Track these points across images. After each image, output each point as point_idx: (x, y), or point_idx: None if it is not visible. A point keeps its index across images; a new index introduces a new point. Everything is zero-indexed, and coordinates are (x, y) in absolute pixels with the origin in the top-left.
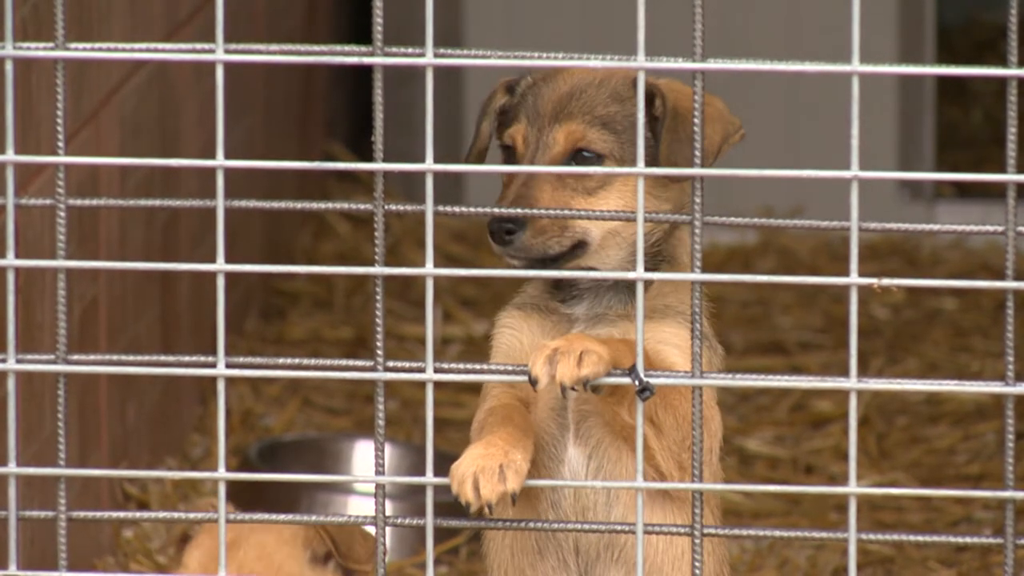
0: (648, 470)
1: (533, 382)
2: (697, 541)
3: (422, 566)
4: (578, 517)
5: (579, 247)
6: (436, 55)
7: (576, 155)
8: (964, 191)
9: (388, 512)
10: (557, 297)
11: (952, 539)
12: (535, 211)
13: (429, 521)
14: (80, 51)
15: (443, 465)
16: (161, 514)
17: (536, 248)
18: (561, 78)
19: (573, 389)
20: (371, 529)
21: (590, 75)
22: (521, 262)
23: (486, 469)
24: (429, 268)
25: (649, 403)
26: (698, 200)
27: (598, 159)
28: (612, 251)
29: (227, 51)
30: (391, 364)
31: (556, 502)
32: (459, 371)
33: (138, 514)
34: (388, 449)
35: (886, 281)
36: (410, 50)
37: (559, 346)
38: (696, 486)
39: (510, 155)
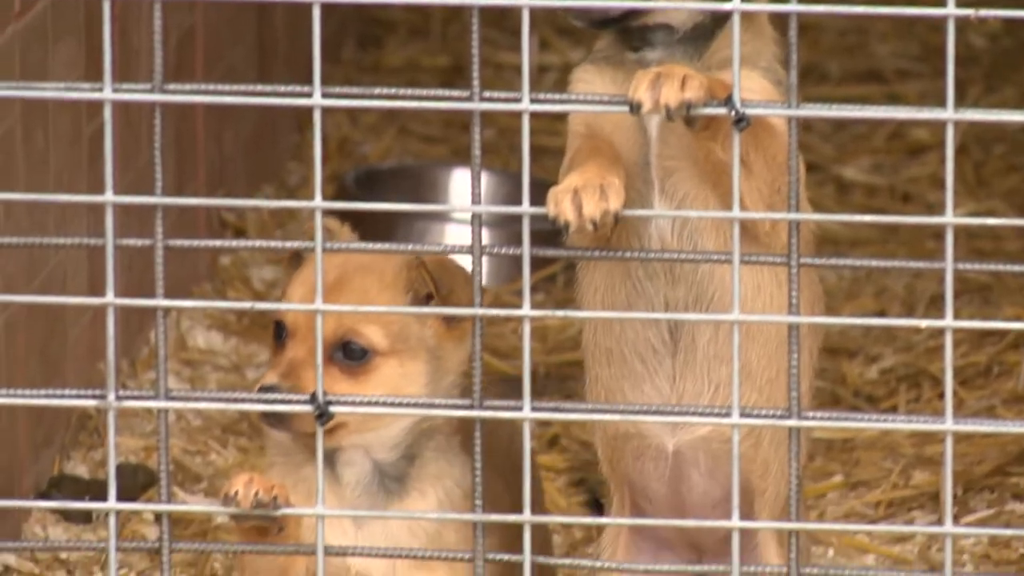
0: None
1: (636, 107)
2: (794, 271)
3: (518, 293)
4: (666, 274)
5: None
6: None
7: None
8: None
9: (485, 241)
10: (629, 47)
11: None
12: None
13: (526, 250)
14: None
15: (540, 193)
16: (258, 243)
17: (596, 11)
18: None
19: (671, 119)
20: (467, 262)
21: None
22: (583, 23)
23: (587, 188)
24: None
25: (740, 143)
26: None
27: None
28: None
29: None
30: (487, 94)
31: (647, 260)
32: (555, 101)
33: (235, 242)
34: (485, 178)
35: (983, 12)
36: None
37: (662, 71)
38: (792, 216)
39: None
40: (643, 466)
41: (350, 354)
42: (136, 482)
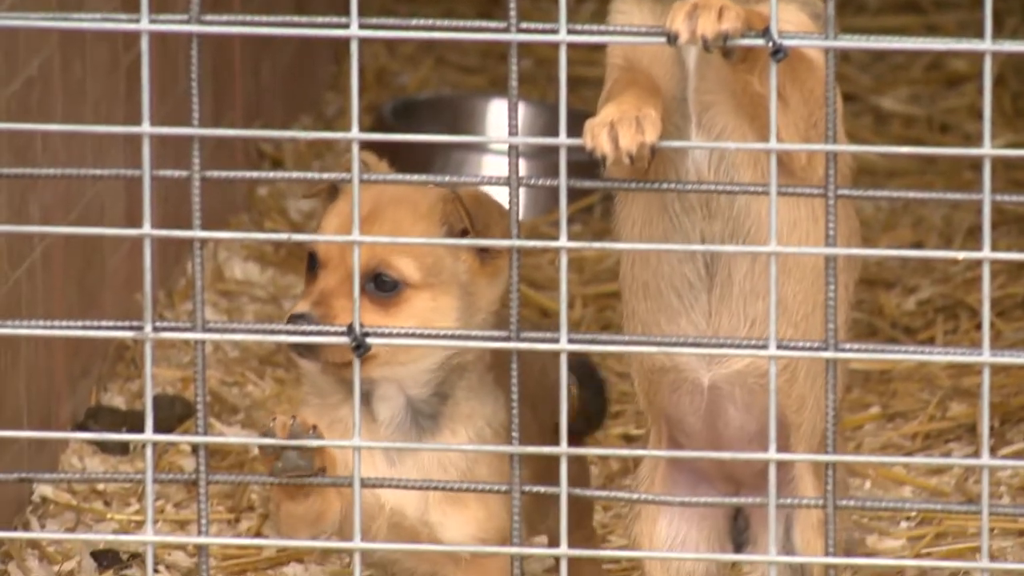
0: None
1: (672, 38)
2: (831, 202)
3: (555, 225)
4: (703, 207)
5: None
6: None
7: None
8: None
9: (521, 172)
10: None
11: None
12: None
13: (562, 181)
14: None
15: (577, 124)
16: (294, 174)
17: None
18: None
19: (708, 50)
20: (504, 195)
21: None
22: None
23: (623, 120)
24: None
25: (779, 75)
26: None
27: None
28: None
29: None
30: (524, 25)
31: (683, 193)
32: (593, 32)
33: (272, 174)
34: (522, 108)
35: None
36: None
37: (698, 2)
38: (830, 147)
39: None
40: (679, 400)
41: (381, 285)
42: (173, 413)
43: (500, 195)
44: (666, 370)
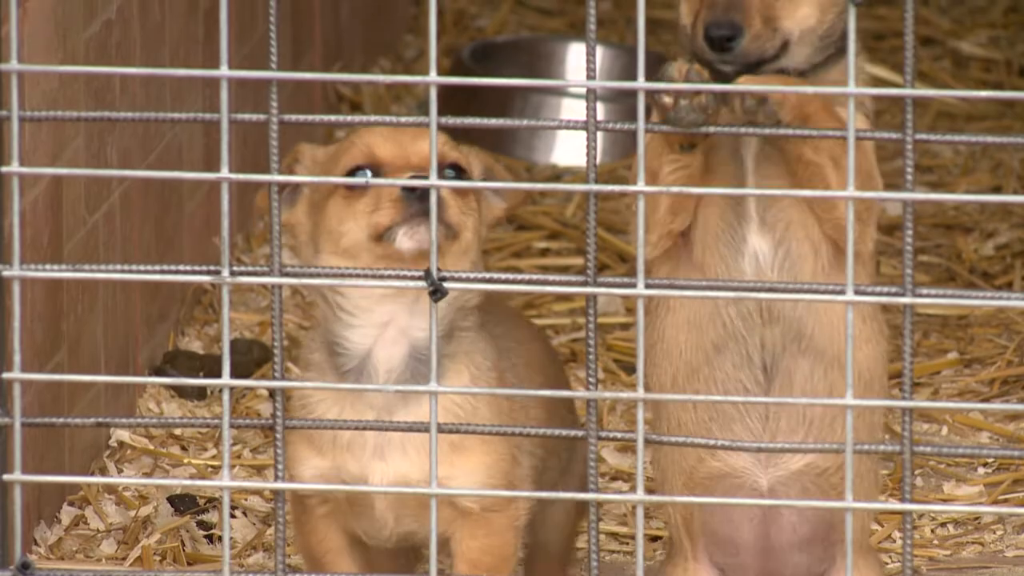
0: (828, 224)
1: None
2: (908, 146)
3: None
4: (762, 314)
5: (783, 48)
6: None
7: None
8: None
9: (600, 116)
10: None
11: None
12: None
13: (640, 125)
14: None
15: (656, 68)
16: (373, 118)
17: (753, 53)
18: None
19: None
20: (582, 137)
21: None
22: (733, 68)
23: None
24: None
25: (833, 145)
26: None
27: None
28: (804, 48)
29: None
30: None
31: (739, 300)
32: None
33: (350, 117)
34: (600, 51)
35: None
36: None
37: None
38: (909, 92)
39: None
40: (732, 510)
41: (461, 177)
42: (251, 358)
43: (578, 139)
44: (721, 476)
